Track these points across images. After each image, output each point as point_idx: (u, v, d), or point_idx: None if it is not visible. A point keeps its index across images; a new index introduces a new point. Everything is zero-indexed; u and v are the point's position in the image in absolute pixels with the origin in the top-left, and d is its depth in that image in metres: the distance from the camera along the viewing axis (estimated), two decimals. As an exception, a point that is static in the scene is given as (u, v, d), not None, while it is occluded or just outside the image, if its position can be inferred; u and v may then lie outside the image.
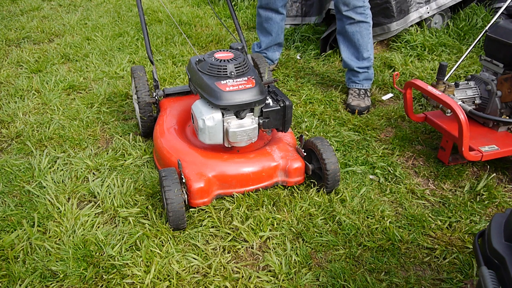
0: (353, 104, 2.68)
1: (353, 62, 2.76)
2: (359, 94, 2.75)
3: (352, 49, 2.75)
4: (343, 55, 2.81)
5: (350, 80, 2.84)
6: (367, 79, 2.80)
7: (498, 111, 2.18)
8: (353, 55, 2.76)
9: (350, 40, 2.72)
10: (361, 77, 2.78)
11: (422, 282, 1.58)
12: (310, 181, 2.02)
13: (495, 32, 2.15)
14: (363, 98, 2.73)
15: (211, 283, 1.56)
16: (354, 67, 2.75)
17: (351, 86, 2.82)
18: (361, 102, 2.70)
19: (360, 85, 2.79)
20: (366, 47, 2.71)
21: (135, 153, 2.27)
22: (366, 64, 2.75)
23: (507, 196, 2.00)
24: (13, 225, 1.81)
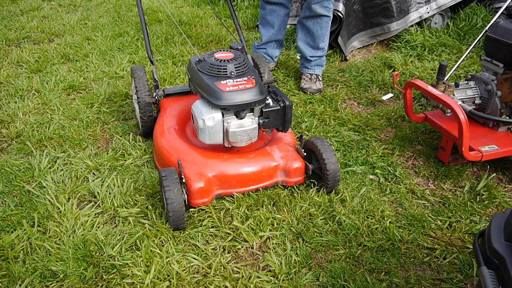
0: (305, 87, 2.94)
1: (307, 51, 2.96)
2: (311, 79, 2.97)
3: (309, 38, 2.93)
4: (299, 43, 2.99)
5: (303, 65, 3.05)
6: (319, 65, 3.01)
7: (498, 111, 2.18)
8: (308, 44, 2.96)
9: (309, 30, 2.90)
10: (313, 63, 3.00)
11: (422, 282, 1.58)
12: (310, 181, 2.02)
13: (495, 32, 2.15)
14: (314, 82, 2.96)
15: (211, 283, 1.56)
16: (308, 55, 2.96)
17: (304, 71, 3.04)
18: (312, 85, 2.95)
19: (312, 70, 3.01)
20: (323, 38, 2.91)
21: (135, 153, 2.27)
22: (319, 54, 2.96)
23: (507, 196, 2.00)
24: (13, 225, 1.81)
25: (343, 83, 3.07)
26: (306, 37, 2.95)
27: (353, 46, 3.56)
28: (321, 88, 2.95)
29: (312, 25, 2.85)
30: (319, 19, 2.82)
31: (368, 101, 2.84)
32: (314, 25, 2.85)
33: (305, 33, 2.94)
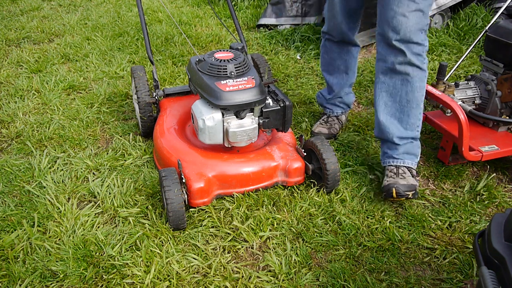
0: (388, 184, 1.89)
1: (393, 127, 1.95)
2: (397, 173, 1.94)
3: (394, 107, 1.94)
4: (380, 115, 1.97)
5: (385, 154, 2.02)
6: (410, 153, 1.97)
7: (498, 111, 2.18)
8: (393, 117, 1.95)
9: (394, 92, 1.91)
10: (400, 149, 1.97)
11: (422, 282, 1.58)
12: (310, 181, 2.02)
13: (495, 32, 2.15)
14: (403, 177, 1.91)
15: (211, 283, 1.56)
16: (393, 136, 1.95)
17: (387, 162, 2.01)
18: (399, 180, 1.89)
19: (400, 160, 1.97)
20: (416, 107, 1.91)
21: (135, 153, 2.27)
22: (410, 134, 1.95)
23: (507, 196, 2.00)
24: (13, 225, 1.81)
25: (343, 83, 3.07)
26: (390, 104, 1.94)
27: (353, 46, 3.55)
28: (417, 186, 1.90)
29: (400, 85, 1.88)
30: (410, 78, 1.86)
31: (368, 101, 2.84)
32: (402, 84, 1.87)
33: (388, 97, 1.93)
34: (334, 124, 2.44)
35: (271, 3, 4.00)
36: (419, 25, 1.79)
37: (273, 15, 3.99)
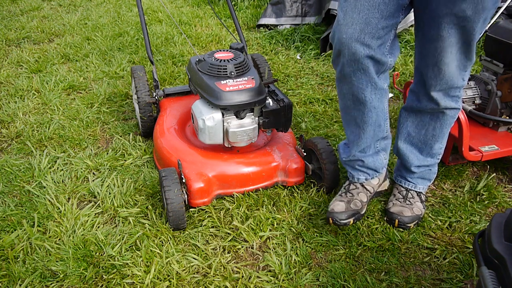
0: (392, 211, 1.82)
1: (412, 157, 1.83)
2: (405, 197, 1.87)
3: (418, 138, 1.81)
4: (401, 143, 1.85)
5: (399, 172, 1.94)
6: (425, 178, 1.89)
7: (498, 111, 2.18)
8: (415, 147, 1.83)
9: (420, 125, 1.78)
10: (416, 175, 1.88)
11: (422, 282, 1.58)
12: (310, 181, 2.02)
13: (495, 32, 2.15)
14: (410, 203, 1.85)
15: (211, 283, 1.56)
16: (411, 165, 1.84)
17: (399, 181, 1.94)
18: (404, 208, 1.82)
19: (412, 185, 1.90)
20: (441, 139, 1.79)
21: (135, 153, 2.27)
22: (429, 162, 1.84)
23: (507, 196, 2.00)
24: (13, 225, 1.81)
25: (343, 83, 3.07)
26: (413, 135, 1.81)
27: (353, 46, 3.55)
28: (421, 215, 1.84)
29: (429, 119, 1.74)
30: (442, 115, 1.71)
31: (368, 101, 2.84)
32: (432, 122, 1.74)
33: (414, 130, 1.80)
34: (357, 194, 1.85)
35: (271, 3, 4.00)
36: (461, 65, 1.56)
37: (273, 15, 3.99)
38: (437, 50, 1.50)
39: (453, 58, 1.51)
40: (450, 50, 1.48)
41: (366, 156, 1.79)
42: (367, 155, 1.79)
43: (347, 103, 1.65)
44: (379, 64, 1.52)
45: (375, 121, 1.67)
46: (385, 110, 1.70)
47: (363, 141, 1.73)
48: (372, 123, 1.67)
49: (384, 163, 1.85)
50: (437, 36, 1.46)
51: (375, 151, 1.80)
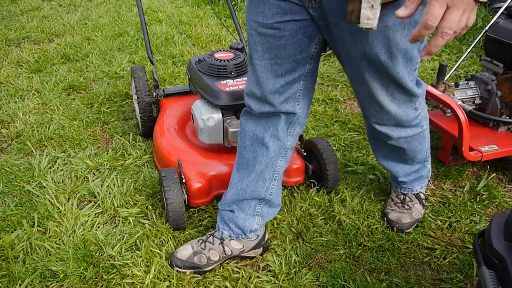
0: (390, 218, 1.80)
1: (398, 169, 1.76)
2: (403, 202, 1.83)
3: (397, 158, 1.72)
4: (381, 161, 1.77)
5: (393, 180, 1.88)
6: (418, 180, 1.82)
7: (498, 111, 2.18)
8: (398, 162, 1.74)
9: (394, 151, 1.68)
10: (409, 181, 1.81)
11: (422, 282, 1.58)
12: (310, 181, 2.02)
13: (495, 32, 2.15)
14: (408, 207, 1.81)
15: (211, 283, 1.56)
16: (399, 175, 1.79)
17: (394, 186, 1.89)
18: (403, 215, 1.79)
19: (408, 189, 1.84)
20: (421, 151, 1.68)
21: (135, 153, 2.27)
22: (418, 167, 1.76)
23: (507, 196, 2.00)
24: (13, 225, 1.81)
25: (343, 83, 3.07)
26: (390, 155, 1.73)
27: (353, 46, 3.55)
28: (421, 218, 1.82)
29: (397, 147, 1.63)
30: (406, 141, 1.59)
31: (368, 101, 2.84)
32: (400, 147, 1.62)
33: (386, 151, 1.71)
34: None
35: (271, 3, 3.99)
36: (402, 102, 1.41)
37: (273, 15, 3.98)
38: (367, 91, 1.37)
39: (389, 98, 1.38)
40: (381, 92, 1.35)
41: (240, 211, 1.58)
42: (243, 211, 1.58)
43: (245, 142, 1.52)
44: (287, 115, 1.45)
45: (261, 171, 1.51)
46: (276, 169, 1.53)
47: (243, 187, 1.54)
48: (259, 171, 1.51)
49: (253, 228, 1.59)
50: (362, 79, 1.34)
51: (253, 213, 1.59)
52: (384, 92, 1.36)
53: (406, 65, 1.28)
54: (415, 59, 1.29)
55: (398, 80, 1.30)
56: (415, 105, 1.46)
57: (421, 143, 1.64)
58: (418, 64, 1.34)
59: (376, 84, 1.33)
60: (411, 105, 1.44)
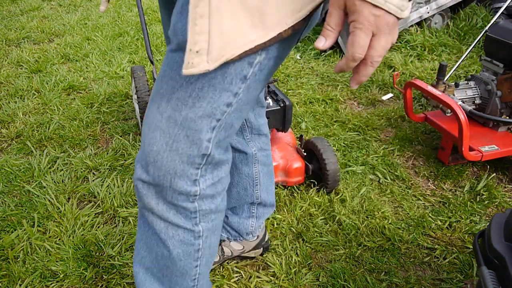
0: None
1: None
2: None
3: (151, 262, 1.17)
4: (135, 264, 1.21)
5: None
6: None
7: (498, 111, 2.18)
8: (152, 275, 1.16)
9: (148, 242, 1.14)
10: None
11: (422, 282, 1.58)
12: (310, 181, 2.02)
13: (495, 32, 2.15)
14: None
15: (211, 283, 1.56)
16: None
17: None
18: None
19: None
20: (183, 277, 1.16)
21: (135, 153, 2.27)
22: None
23: (507, 196, 2.00)
24: (13, 225, 1.81)
25: (343, 83, 3.07)
26: (145, 256, 1.18)
27: (353, 46, 3.55)
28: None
29: (150, 233, 1.13)
30: (160, 232, 1.08)
31: (368, 101, 2.84)
32: (154, 239, 1.12)
33: (142, 245, 1.17)
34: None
35: (271, 3, 3.99)
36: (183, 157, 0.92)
37: (273, 15, 3.99)
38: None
39: None
40: None
41: (234, 215, 1.56)
42: (236, 215, 1.55)
43: None
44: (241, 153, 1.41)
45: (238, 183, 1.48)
46: (252, 176, 1.47)
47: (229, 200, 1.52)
48: (236, 184, 1.48)
49: (249, 230, 1.56)
50: None
51: (248, 216, 1.55)
52: None
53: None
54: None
55: None
56: (197, 167, 0.95)
57: (176, 260, 1.06)
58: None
59: None
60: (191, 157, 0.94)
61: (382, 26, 0.71)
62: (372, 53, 0.73)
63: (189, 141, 0.89)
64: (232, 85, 0.84)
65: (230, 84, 0.84)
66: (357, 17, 0.70)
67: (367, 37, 0.71)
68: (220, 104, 0.86)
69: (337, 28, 0.74)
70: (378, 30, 0.71)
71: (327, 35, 0.75)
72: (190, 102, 0.86)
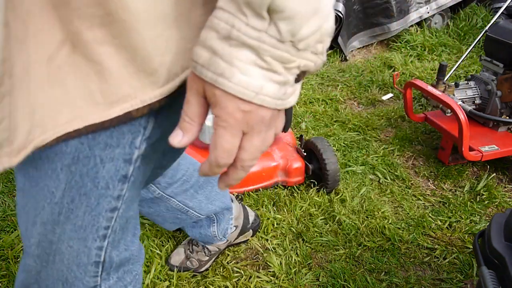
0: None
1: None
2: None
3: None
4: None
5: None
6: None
7: (498, 111, 2.18)
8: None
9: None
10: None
11: (422, 282, 1.58)
12: (310, 181, 2.02)
13: (495, 32, 2.15)
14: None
15: (211, 283, 1.56)
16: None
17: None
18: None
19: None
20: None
21: (135, 153, 2.27)
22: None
23: (507, 196, 2.00)
24: (13, 225, 1.81)
25: (343, 83, 3.07)
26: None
27: (353, 46, 3.56)
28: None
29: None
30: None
31: (368, 101, 2.84)
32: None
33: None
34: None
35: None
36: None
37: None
38: None
39: None
40: None
41: (193, 229, 1.53)
42: (194, 228, 1.52)
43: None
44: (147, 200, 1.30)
45: (166, 218, 1.38)
46: (174, 208, 1.33)
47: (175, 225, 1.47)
48: (167, 218, 1.39)
49: (216, 234, 1.52)
50: None
51: (208, 224, 1.51)
52: None
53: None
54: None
55: None
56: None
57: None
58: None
59: None
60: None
61: (255, 124, 0.51)
62: (243, 156, 0.55)
63: (73, 251, 0.70)
64: (110, 189, 0.65)
65: (107, 189, 0.65)
66: (219, 112, 0.50)
67: (233, 138, 0.53)
68: (101, 211, 0.67)
69: (198, 119, 0.54)
70: (249, 129, 0.52)
71: (184, 128, 0.54)
72: (62, 218, 0.66)
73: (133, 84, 0.54)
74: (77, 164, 0.61)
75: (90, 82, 0.53)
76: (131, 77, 0.54)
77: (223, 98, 0.49)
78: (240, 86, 0.47)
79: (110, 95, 0.54)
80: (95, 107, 0.54)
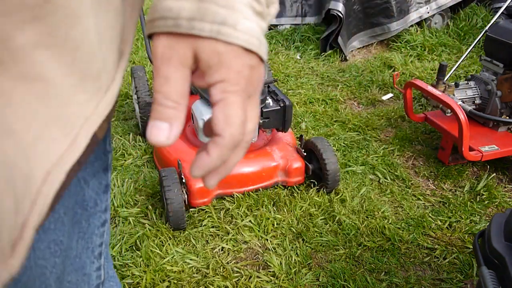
0: None
1: None
2: None
3: None
4: None
5: None
6: None
7: (498, 111, 2.18)
8: None
9: None
10: None
11: (422, 282, 1.58)
12: (310, 181, 2.02)
13: (495, 32, 2.15)
14: None
15: (211, 283, 1.56)
16: None
17: None
18: None
19: None
20: None
21: (135, 153, 2.27)
22: None
23: (507, 196, 2.00)
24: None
25: (343, 83, 3.07)
26: None
27: (353, 46, 3.56)
28: None
29: None
30: None
31: (368, 101, 2.84)
32: None
33: None
34: None
35: (271, 3, 3.99)
36: None
37: (273, 15, 3.99)
38: None
39: None
40: None
41: None
42: None
43: None
44: None
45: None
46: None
47: None
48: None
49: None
50: None
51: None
52: None
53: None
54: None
55: None
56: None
57: None
58: None
59: None
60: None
61: (258, 83, 0.43)
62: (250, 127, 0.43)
63: (72, 285, 0.62)
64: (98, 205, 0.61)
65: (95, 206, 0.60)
66: (225, 74, 0.39)
67: (245, 105, 0.41)
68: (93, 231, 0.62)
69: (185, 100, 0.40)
70: (253, 90, 0.42)
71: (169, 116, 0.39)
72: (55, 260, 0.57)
73: (82, 98, 0.41)
74: (65, 201, 0.51)
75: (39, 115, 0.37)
76: (77, 90, 0.40)
77: (229, 55, 0.38)
78: (247, 34, 0.38)
79: (68, 122, 0.39)
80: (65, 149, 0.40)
